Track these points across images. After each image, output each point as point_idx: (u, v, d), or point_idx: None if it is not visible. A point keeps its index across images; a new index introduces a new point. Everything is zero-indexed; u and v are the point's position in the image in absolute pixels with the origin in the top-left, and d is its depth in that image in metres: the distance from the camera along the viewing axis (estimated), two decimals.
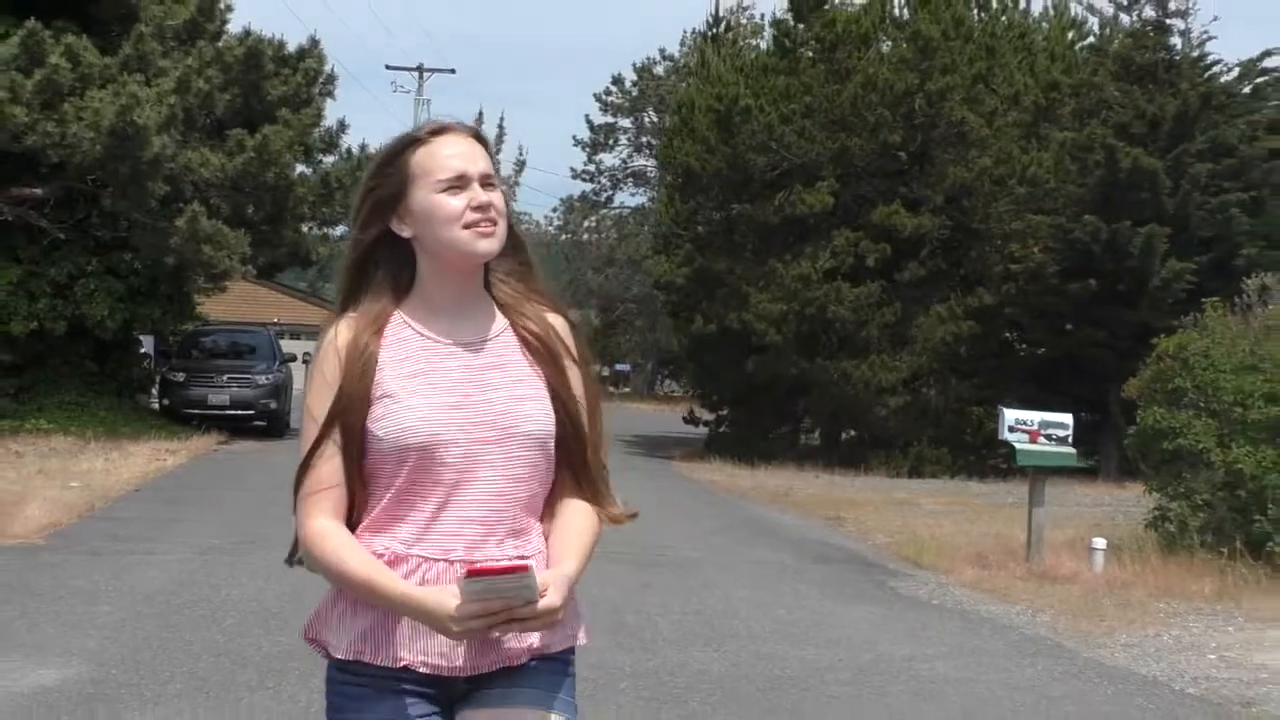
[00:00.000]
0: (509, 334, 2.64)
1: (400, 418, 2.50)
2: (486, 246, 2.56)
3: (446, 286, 2.61)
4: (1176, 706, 7.44)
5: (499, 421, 2.53)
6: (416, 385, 2.54)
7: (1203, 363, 12.89)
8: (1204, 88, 23.54)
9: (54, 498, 14.18)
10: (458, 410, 2.52)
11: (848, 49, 24.60)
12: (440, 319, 2.61)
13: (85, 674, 6.88)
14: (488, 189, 2.57)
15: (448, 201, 2.54)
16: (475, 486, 2.52)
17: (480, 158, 2.60)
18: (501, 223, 2.57)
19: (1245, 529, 12.45)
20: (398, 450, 2.49)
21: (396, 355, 2.57)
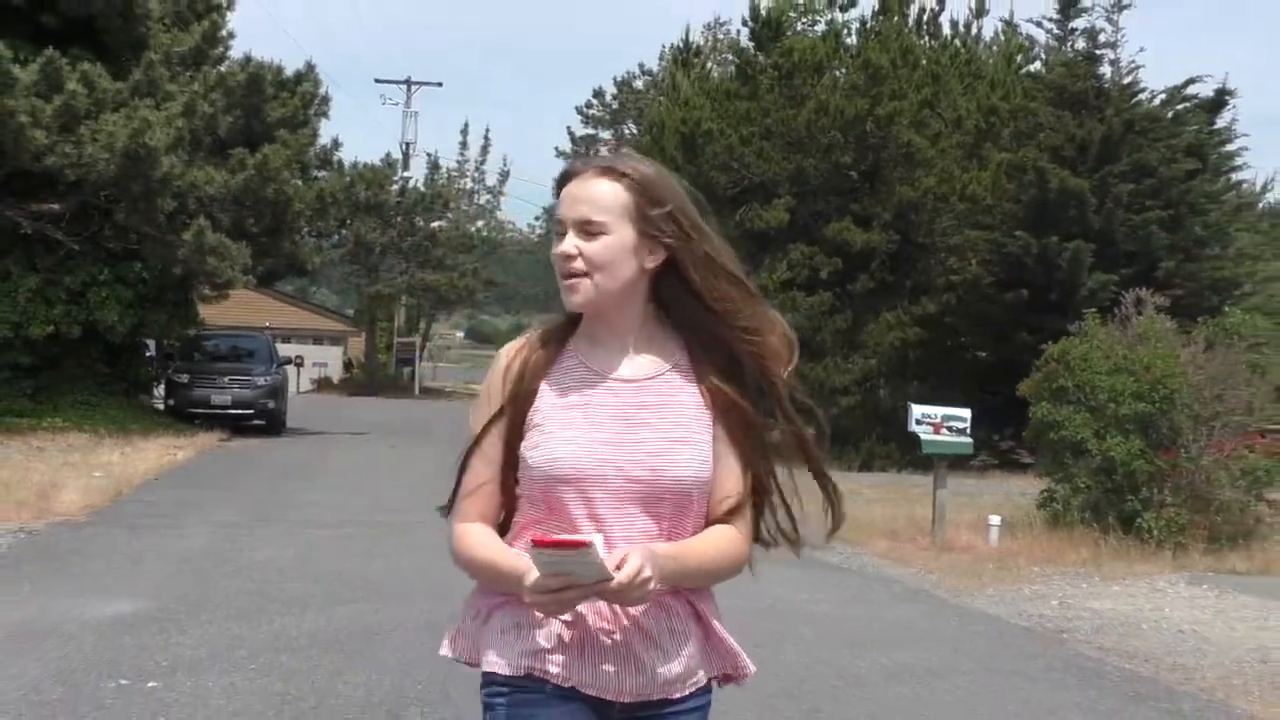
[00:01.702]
0: (677, 373, 2.58)
1: (550, 449, 2.50)
2: (568, 301, 2.54)
3: (601, 321, 2.58)
4: (1005, 633, 9.48)
5: (649, 463, 2.49)
6: (571, 417, 2.53)
7: (1083, 365, 14.91)
8: (1128, 114, 25.57)
9: (84, 485, 16.12)
10: (609, 448, 2.48)
11: (803, 76, 26.65)
12: (603, 351, 2.58)
13: (148, 606, 8.87)
14: (585, 236, 2.51)
15: (555, 246, 2.54)
16: (621, 523, 2.49)
17: (585, 202, 2.52)
18: (595, 275, 2.50)
19: (1118, 508, 14.49)
20: (545, 480, 2.49)
21: (558, 384, 2.57)
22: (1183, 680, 8.10)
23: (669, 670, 2.51)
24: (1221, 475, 14.49)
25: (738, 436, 2.56)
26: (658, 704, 2.53)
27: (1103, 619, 10.33)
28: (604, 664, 2.48)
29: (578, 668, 2.47)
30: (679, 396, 2.54)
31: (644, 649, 2.50)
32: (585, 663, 2.47)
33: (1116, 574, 12.69)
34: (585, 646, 2.47)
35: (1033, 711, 6.95)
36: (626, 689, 2.49)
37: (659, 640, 2.51)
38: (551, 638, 2.47)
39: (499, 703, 2.51)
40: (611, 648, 2.48)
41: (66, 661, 7.13)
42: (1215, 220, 26.34)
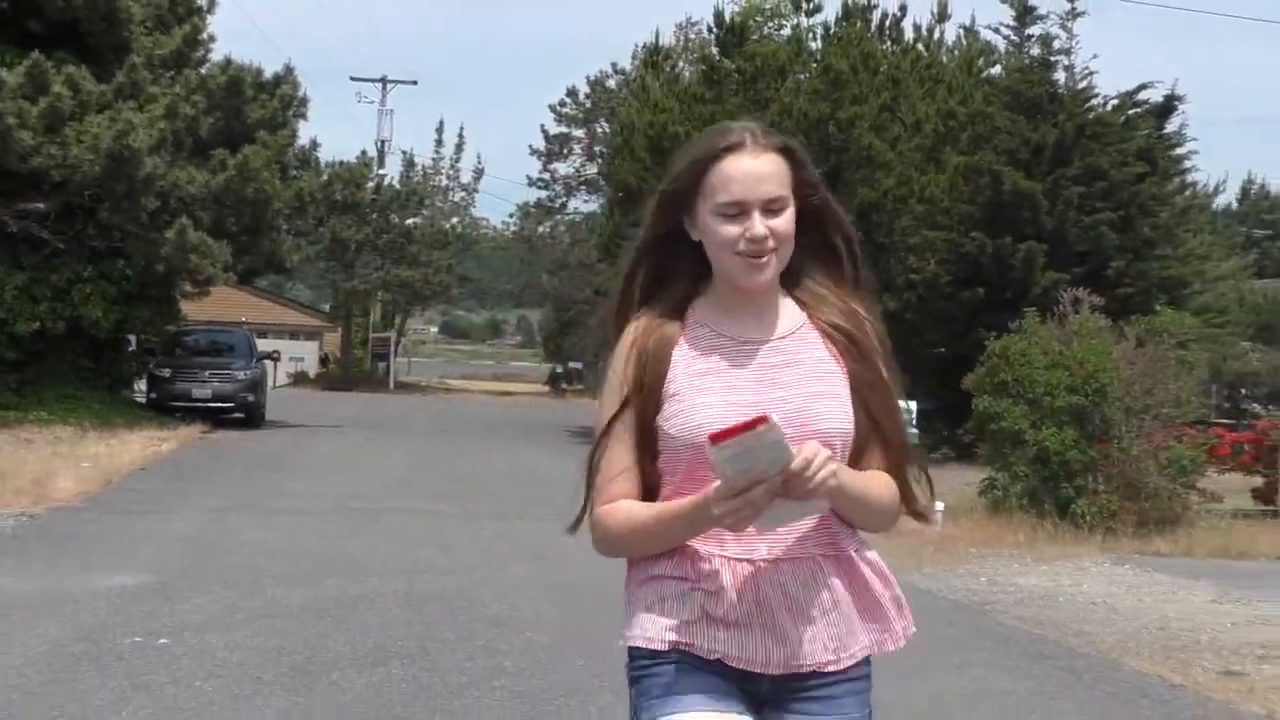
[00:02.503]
0: (807, 330, 2.59)
1: (691, 415, 2.48)
2: (753, 281, 2.53)
3: (739, 295, 2.58)
4: (931, 604, 10.37)
5: (793, 420, 2.44)
6: (709, 383, 2.52)
7: (1022, 360, 15.85)
8: (1080, 119, 26.56)
9: (76, 474, 16.89)
10: (751, 408, 2.42)
11: (767, 80, 27.58)
12: (733, 317, 2.58)
13: (151, 579, 9.71)
14: (771, 214, 2.50)
15: (723, 228, 2.50)
16: None
17: (769, 179, 2.51)
18: (784, 248, 2.52)
19: (1054, 495, 15.45)
20: (690, 447, 2.46)
21: (689, 353, 2.56)
22: (1084, 644, 9.02)
23: (817, 641, 2.47)
24: (1150, 465, 15.45)
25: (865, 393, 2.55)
26: (809, 676, 2.49)
27: (1025, 593, 11.25)
28: (749, 635, 2.45)
29: (723, 639, 2.45)
30: (812, 352, 2.56)
31: (791, 619, 2.46)
32: (731, 634, 2.45)
33: (1048, 556, 13.61)
34: (730, 617, 2.45)
35: (941, 664, 7.85)
36: (775, 660, 2.46)
37: (806, 609, 2.47)
38: (695, 609, 2.46)
39: (642, 675, 2.50)
40: (758, 617, 2.45)
41: (84, 623, 7.98)
42: (1164, 221, 27.34)
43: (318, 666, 7.06)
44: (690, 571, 2.48)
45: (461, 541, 12.69)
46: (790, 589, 2.47)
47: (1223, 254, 33.43)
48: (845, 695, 2.54)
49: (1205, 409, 26.74)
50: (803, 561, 2.48)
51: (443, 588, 9.64)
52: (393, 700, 6.46)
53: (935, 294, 26.66)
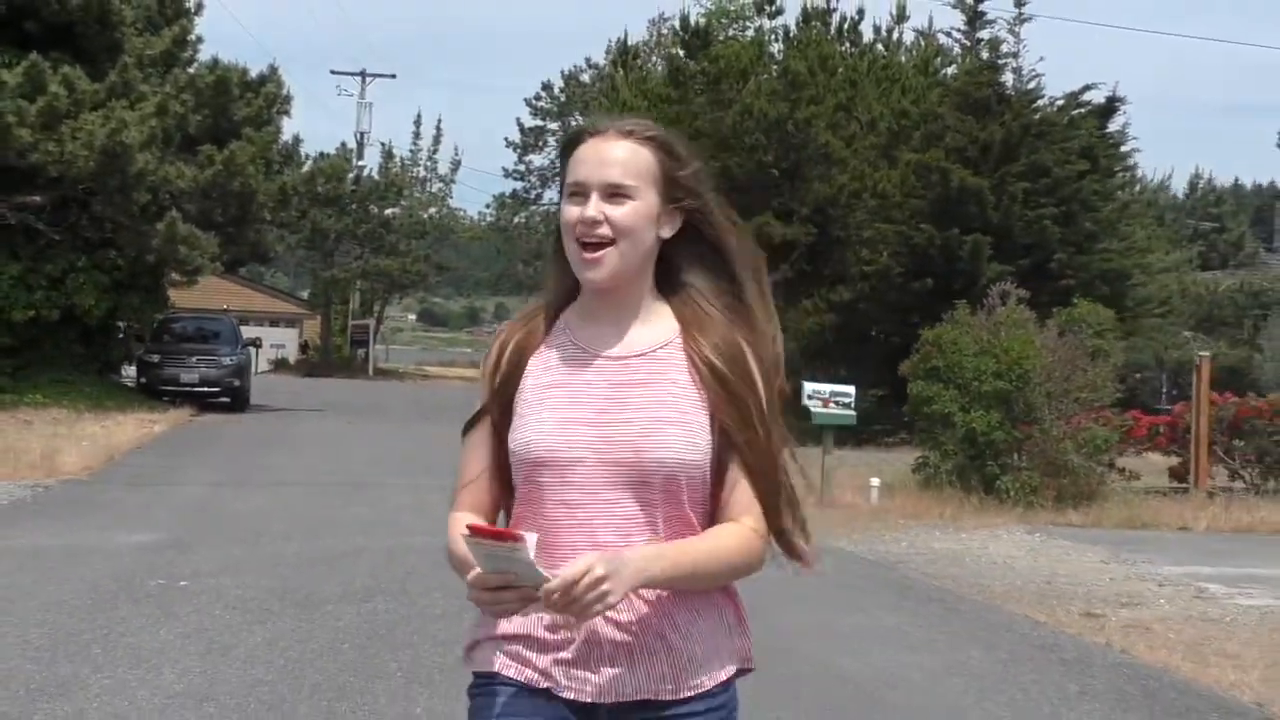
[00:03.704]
0: (673, 350, 2.43)
1: (526, 431, 2.38)
2: (589, 275, 2.38)
3: (607, 295, 2.43)
4: (849, 563, 11.80)
5: (632, 444, 2.34)
6: (552, 398, 2.40)
7: (952, 348, 17.27)
8: (1026, 119, 28.04)
9: (78, 451, 18.21)
10: (590, 428, 2.35)
11: (729, 81, 28.99)
12: (594, 326, 2.45)
13: (164, 537, 11.09)
14: (612, 201, 2.36)
15: (567, 209, 2.39)
16: (603, 509, 2.35)
17: (616, 165, 2.37)
18: (620, 243, 2.36)
19: (980, 471, 16.88)
20: (522, 461, 2.38)
21: (544, 362, 2.44)
22: (976, 593, 10.46)
23: (654, 670, 2.36)
24: (1069, 444, 16.89)
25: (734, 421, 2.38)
26: (650, 704, 2.37)
27: (936, 555, 12.69)
28: (580, 664, 2.35)
29: (552, 668, 2.35)
30: (670, 374, 2.39)
31: (624, 648, 2.35)
32: (561, 662, 2.35)
33: (968, 526, 15.03)
34: (561, 645, 2.35)
35: (842, 606, 9.27)
36: (607, 690, 2.35)
37: (641, 638, 2.36)
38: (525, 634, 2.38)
39: (474, 695, 2.44)
40: (590, 646, 2.35)
41: (114, 570, 9.36)
42: (1105, 216, 28.86)
43: (315, 601, 8.45)
44: None
45: (438, 507, 14.05)
46: (624, 617, 2.34)
47: (1165, 247, 34.97)
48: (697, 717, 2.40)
49: (1141, 394, 28.30)
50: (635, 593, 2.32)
51: (421, 543, 10.99)
52: (378, 626, 7.86)
53: (887, 285, 28.12)
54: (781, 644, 7.52)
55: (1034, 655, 8.09)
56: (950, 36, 31.64)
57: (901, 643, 8.31)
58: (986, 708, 6.68)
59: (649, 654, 2.37)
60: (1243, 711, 6.89)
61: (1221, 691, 7.29)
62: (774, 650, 7.78)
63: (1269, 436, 18.75)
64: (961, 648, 8.23)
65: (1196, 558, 13.04)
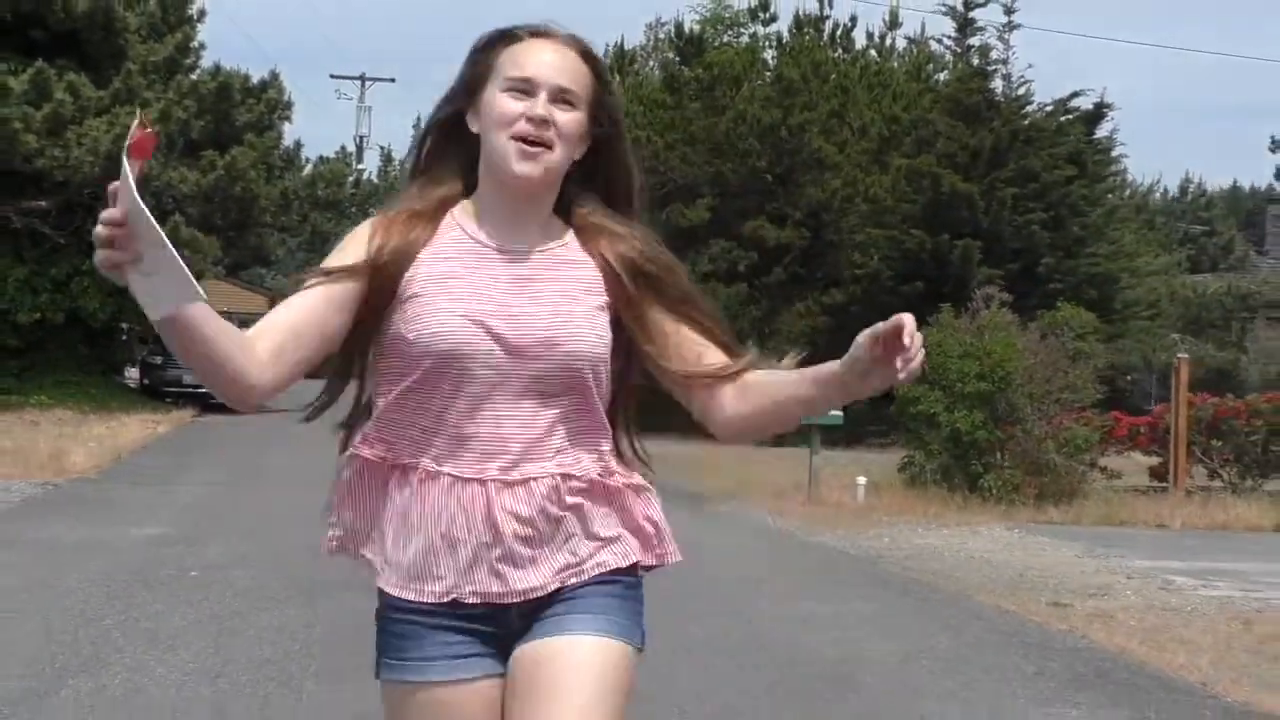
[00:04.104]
0: (572, 250, 2.41)
1: (429, 320, 2.28)
2: (524, 169, 2.30)
3: (502, 195, 2.37)
4: (832, 557, 12.29)
5: (539, 337, 2.30)
6: (452, 288, 2.32)
7: (937, 350, 17.70)
8: (1015, 125, 28.53)
9: (86, 450, 18.73)
10: (495, 319, 2.29)
11: (723, 88, 29.49)
12: (493, 223, 2.38)
13: (171, 531, 11.57)
14: (559, 105, 2.31)
15: (505, 102, 2.30)
16: (508, 403, 2.30)
17: (566, 72, 2.33)
18: (558, 148, 2.31)
19: (964, 470, 17.36)
20: (423, 354, 2.29)
21: (438, 253, 2.36)
22: (950, 585, 10.92)
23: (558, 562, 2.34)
24: (1050, 444, 17.37)
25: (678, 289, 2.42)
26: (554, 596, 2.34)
27: (917, 550, 13.16)
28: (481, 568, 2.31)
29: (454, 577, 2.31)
30: (572, 270, 2.38)
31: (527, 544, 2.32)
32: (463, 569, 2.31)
33: (950, 523, 15.51)
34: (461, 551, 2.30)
35: (820, 596, 9.74)
36: (514, 588, 2.32)
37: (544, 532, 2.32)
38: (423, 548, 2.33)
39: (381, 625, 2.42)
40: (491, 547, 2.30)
41: (127, 561, 9.84)
42: (1093, 221, 29.35)
43: (320, 590, 8.91)
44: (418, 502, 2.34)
45: None
46: (517, 514, 2.31)
47: (1152, 251, 35.44)
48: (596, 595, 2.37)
49: (1133, 396, 28.77)
50: (539, 480, 2.32)
51: None
52: None
53: (878, 288, 28.59)
54: (756, 629, 8.00)
55: (998, 641, 8.56)
56: (941, 44, 32.15)
57: (874, 629, 8.77)
58: (946, 686, 7.14)
59: (551, 544, 2.34)
60: (1188, 690, 7.35)
61: (1171, 673, 7.76)
62: (748, 634, 8.26)
63: (1246, 436, 19.24)
64: (930, 634, 8.69)
65: (1168, 553, 13.52)
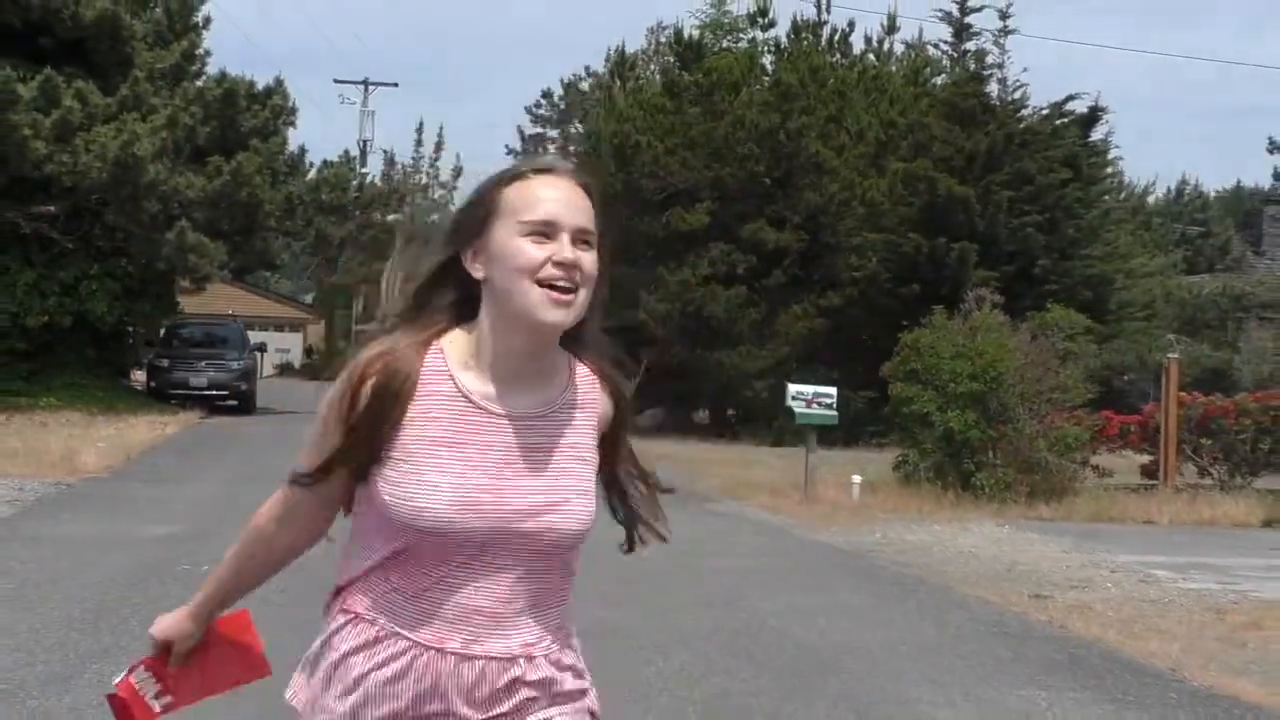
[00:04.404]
0: (569, 404, 2.29)
1: (416, 495, 2.18)
2: (556, 316, 2.19)
3: (511, 345, 2.23)
4: (825, 552, 12.65)
5: (532, 513, 2.21)
6: (445, 458, 2.20)
7: (930, 351, 18.10)
8: (1010, 128, 28.88)
9: (96, 451, 19.06)
10: (487, 495, 2.19)
11: (722, 93, 29.85)
12: (494, 376, 2.24)
13: (185, 529, 11.94)
14: (580, 247, 2.21)
15: (527, 248, 2.18)
16: (486, 576, 2.21)
17: (582, 210, 2.24)
18: (584, 291, 2.21)
19: (957, 468, 17.71)
20: (405, 527, 2.20)
21: (427, 411, 2.22)
22: (937, 578, 11.29)
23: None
24: (1041, 443, 17.73)
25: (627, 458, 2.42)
26: None
27: (907, 545, 13.52)
28: None
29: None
30: (569, 435, 2.28)
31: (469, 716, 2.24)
32: None
33: (942, 519, 15.86)
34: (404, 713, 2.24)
35: (810, 587, 10.11)
36: None
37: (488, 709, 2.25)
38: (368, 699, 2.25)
39: None
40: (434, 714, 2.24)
41: (141, 556, 10.21)
42: (1088, 223, 29.69)
43: (328, 581, 9.28)
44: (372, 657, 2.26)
45: None
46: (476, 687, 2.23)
47: (1147, 252, 35.79)
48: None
49: (1130, 396, 29.08)
50: (496, 661, 2.24)
51: None
52: None
53: (876, 290, 28.95)
54: (747, 619, 8.37)
55: (979, 630, 8.92)
56: (938, 49, 32.54)
57: (860, 619, 9.13)
58: (926, 671, 7.50)
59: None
60: (1156, 674, 7.72)
61: (1142, 659, 8.12)
62: (739, 623, 8.63)
63: (1235, 435, 19.59)
64: (915, 624, 9.07)
65: (1153, 548, 13.87)
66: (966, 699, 6.93)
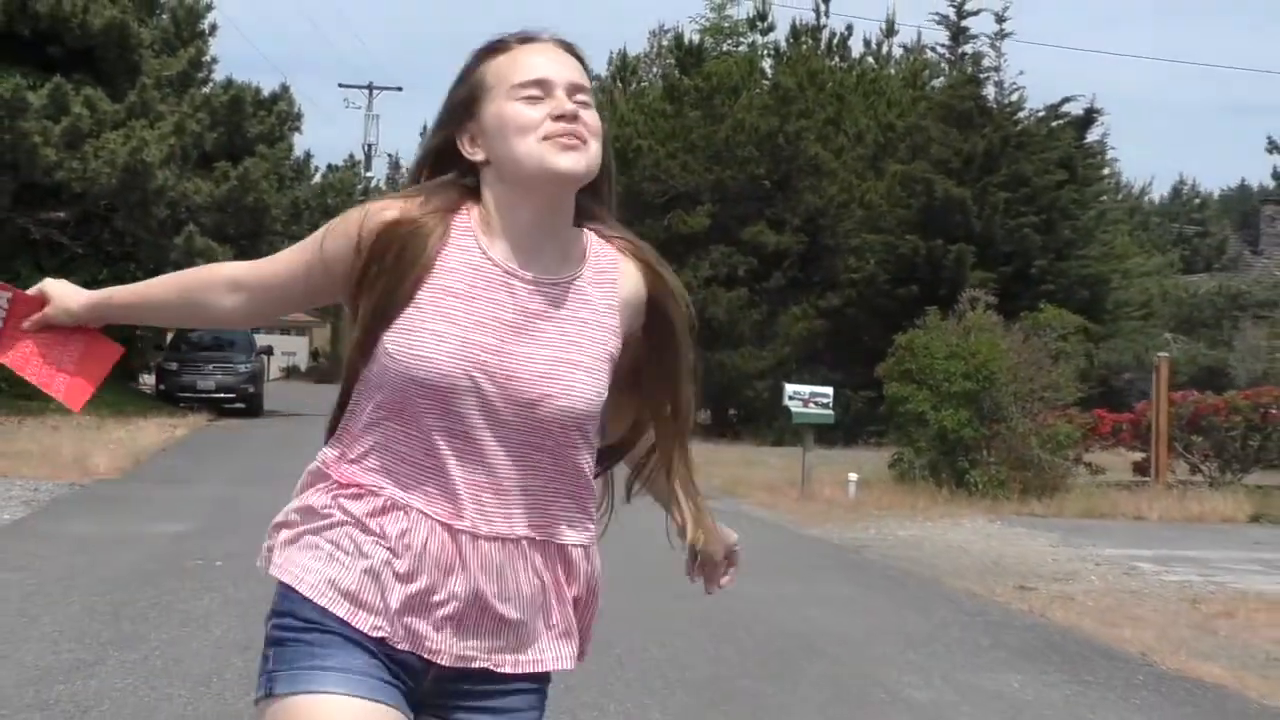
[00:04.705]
0: (593, 275, 2.19)
1: (418, 342, 2.07)
2: (570, 162, 2.08)
3: (520, 216, 2.14)
4: (818, 546, 13.01)
5: (537, 383, 2.09)
6: (451, 308, 2.09)
7: (924, 351, 18.46)
8: (1006, 130, 29.25)
9: (108, 453, 19.44)
10: (491, 355, 2.07)
11: (722, 97, 30.25)
12: (508, 240, 2.15)
13: (196, 526, 12.31)
14: (577, 102, 2.12)
15: (523, 110, 2.09)
16: (488, 450, 2.09)
17: (575, 70, 2.15)
18: (594, 142, 2.11)
19: (951, 466, 18.07)
20: (402, 379, 2.08)
21: (446, 262, 2.12)
22: (925, 571, 11.64)
23: (500, 638, 2.14)
24: (1034, 440, 18.09)
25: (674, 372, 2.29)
26: (476, 676, 2.16)
27: (899, 540, 13.88)
28: (422, 617, 2.11)
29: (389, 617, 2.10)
30: (581, 309, 2.16)
31: (473, 607, 2.12)
32: (400, 613, 2.10)
33: (935, 516, 16.21)
34: (408, 594, 2.10)
35: (800, 578, 10.47)
36: (445, 650, 2.12)
37: (492, 599, 2.12)
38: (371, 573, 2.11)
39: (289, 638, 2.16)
40: (436, 598, 2.10)
41: (154, 552, 10.59)
42: (1084, 224, 30.04)
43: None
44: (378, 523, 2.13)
45: None
46: (481, 571, 2.11)
47: (1144, 252, 36.14)
48: (517, 707, 2.20)
49: (1129, 395, 29.43)
50: (505, 543, 2.12)
51: None
52: None
53: (874, 292, 29.33)
54: (736, 607, 8.72)
55: (963, 619, 9.28)
56: (935, 52, 32.91)
57: (848, 609, 9.50)
58: (907, 657, 7.86)
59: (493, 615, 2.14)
60: (1127, 659, 8.07)
61: (1116, 645, 8.48)
62: (729, 611, 8.98)
63: (1226, 432, 19.93)
64: (900, 613, 9.43)
65: (1140, 542, 14.23)
66: (945, 682, 7.28)
